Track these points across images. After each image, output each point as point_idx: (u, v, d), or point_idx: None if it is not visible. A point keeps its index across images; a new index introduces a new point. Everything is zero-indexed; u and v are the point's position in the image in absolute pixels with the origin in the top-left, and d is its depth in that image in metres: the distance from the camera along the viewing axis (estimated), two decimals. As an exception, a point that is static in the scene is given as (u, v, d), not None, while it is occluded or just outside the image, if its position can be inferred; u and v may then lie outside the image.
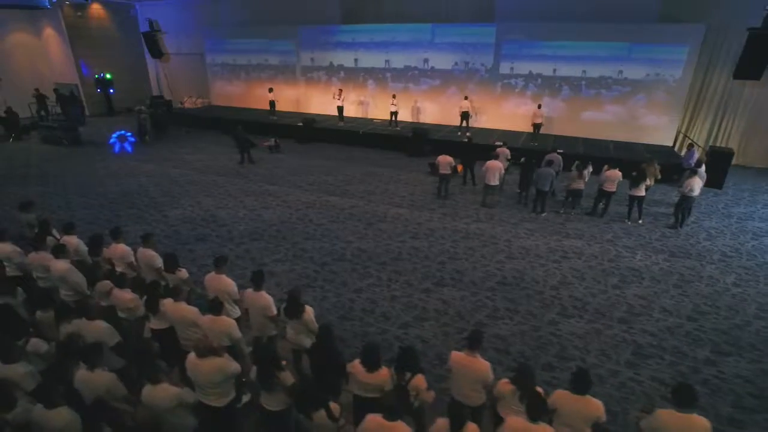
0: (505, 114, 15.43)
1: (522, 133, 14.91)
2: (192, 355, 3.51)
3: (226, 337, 4.07)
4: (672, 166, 11.61)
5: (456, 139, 14.52)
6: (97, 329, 4.00)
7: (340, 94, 16.13)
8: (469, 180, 11.50)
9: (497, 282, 6.87)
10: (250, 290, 4.56)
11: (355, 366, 3.59)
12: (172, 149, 15.19)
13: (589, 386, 3.21)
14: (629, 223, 9.13)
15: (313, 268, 7.19)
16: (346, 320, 5.87)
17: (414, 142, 14.31)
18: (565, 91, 14.49)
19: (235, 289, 4.78)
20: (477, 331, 3.64)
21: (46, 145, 15.54)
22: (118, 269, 5.64)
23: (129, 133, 16.30)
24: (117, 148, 15.23)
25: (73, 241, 5.75)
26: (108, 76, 21.12)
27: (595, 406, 3.17)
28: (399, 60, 16.66)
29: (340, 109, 16.29)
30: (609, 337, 5.63)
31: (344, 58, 17.69)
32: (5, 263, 5.60)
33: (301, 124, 16.32)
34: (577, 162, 9.47)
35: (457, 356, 3.62)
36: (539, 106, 13.64)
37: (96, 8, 20.77)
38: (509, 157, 10.81)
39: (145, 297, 4.45)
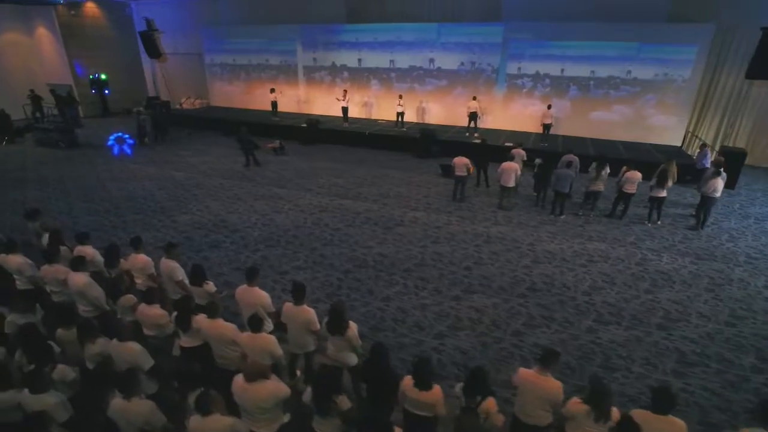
0: (513, 114, 15.30)
1: (529, 133, 14.78)
2: (240, 379, 3.25)
3: (267, 356, 3.81)
4: (683, 166, 11.53)
5: (464, 139, 14.37)
6: (131, 352, 3.71)
7: (344, 95, 15.85)
8: (483, 182, 11.30)
9: (527, 288, 6.67)
10: (290, 304, 4.30)
11: (407, 382, 3.36)
12: (173, 151, 14.79)
13: (674, 405, 3.01)
14: (649, 224, 9.01)
15: (336, 276, 6.93)
16: (378, 331, 5.63)
17: (422, 143, 14.09)
18: (572, 91, 14.39)
19: (270, 301, 4.51)
20: (552, 350, 3.41)
21: (42, 148, 15.03)
22: (138, 281, 5.34)
23: (127, 135, 15.90)
24: (116, 150, 14.81)
25: (88, 251, 5.43)
26: (103, 76, 20.61)
27: (679, 426, 2.97)
28: (404, 60, 16.44)
29: (345, 110, 16.02)
30: (651, 344, 5.47)
31: (348, 58, 17.42)
32: (16, 276, 5.28)
33: (305, 125, 16.03)
34: (595, 163, 9.32)
35: (526, 374, 3.39)
36: (549, 107, 13.52)
37: (90, 7, 20.24)
38: (525, 158, 10.64)
39: (175, 313, 4.16)
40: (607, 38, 13.56)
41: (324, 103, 18.37)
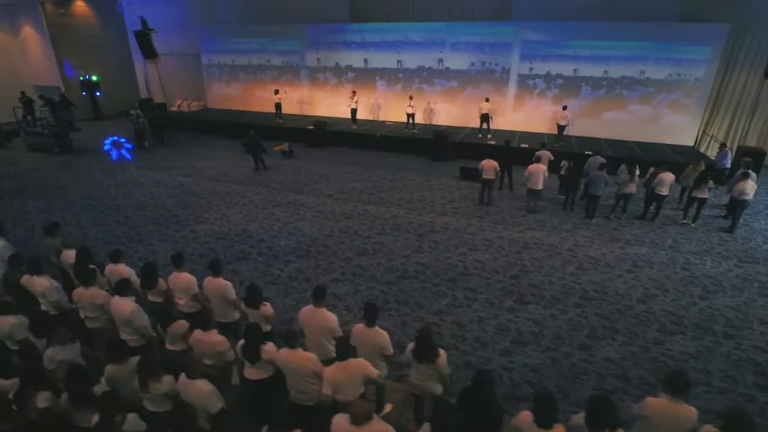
0: (524, 115, 15.11)
1: (541, 134, 14.59)
2: (344, 422, 2.86)
3: (361, 384, 3.44)
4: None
5: (477, 141, 14.13)
6: (199, 392, 3.27)
7: (353, 97, 15.44)
8: (506, 185, 11.04)
9: (580, 297, 6.41)
10: (361, 325, 3.93)
11: (524, 418, 3.01)
12: (176, 156, 14.17)
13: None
14: (687, 222, 8.90)
15: (379, 289, 6.55)
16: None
17: (435, 145, 13.79)
18: (585, 91, 14.27)
19: (338, 325, 4.12)
20: (680, 375, 3.11)
21: (35, 153, 14.23)
22: (180, 302, 4.88)
23: (123, 139, 15.20)
24: (115, 155, 14.11)
25: (123, 271, 4.94)
26: (94, 77, 19.75)
27: None
28: (412, 60, 16.11)
29: (354, 111, 15.60)
30: (723, 355, 5.25)
31: (353, 59, 17.01)
32: (40, 301, 4.75)
33: (311, 127, 15.58)
34: (624, 165, 9.16)
35: (657, 404, 3.08)
36: (564, 108, 13.34)
37: (79, 5, 19.38)
38: (551, 159, 10.40)
39: (242, 341, 3.74)
40: (619, 38, 13.47)
41: (328, 104, 17.93)
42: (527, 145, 13.32)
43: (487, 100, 14.10)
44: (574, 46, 14.01)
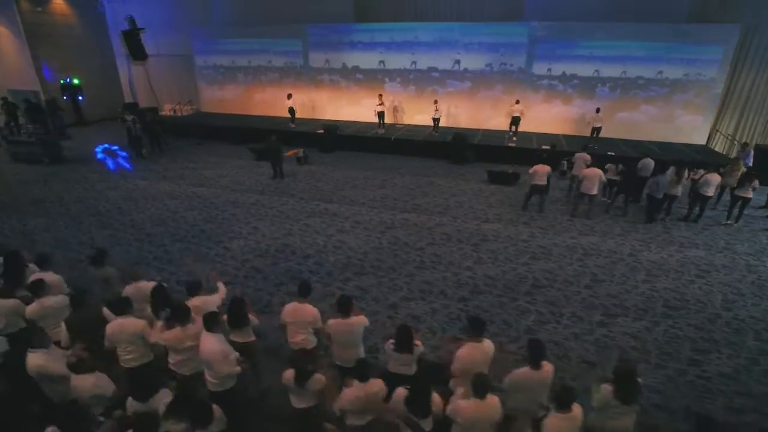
0: (542, 116, 14.93)
1: (557, 135, 14.51)
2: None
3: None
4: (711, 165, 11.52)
5: (498, 143, 13.88)
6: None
7: (380, 99, 14.84)
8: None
9: (663, 306, 6.15)
10: (470, 344, 3.56)
11: None
12: (180, 164, 13.22)
13: None
14: (731, 223, 8.87)
15: (455, 306, 6.09)
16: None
17: (455, 147, 13.43)
18: (601, 92, 14.27)
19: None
20: None
21: (20, 164, 12.94)
22: (296, 339, 4.25)
23: (116, 147, 14.16)
24: (111, 164, 13.05)
25: (204, 302, 4.28)
26: (76, 81, 18.34)
27: None
28: (425, 61, 15.69)
29: (382, 114, 14.98)
30: (832, 364, 5.07)
31: (361, 60, 16.45)
32: (129, 347, 3.99)
33: (322, 131, 14.93)
34: (674, 167, 9.06)
35: None
36: (597, 110, 13.19)
37: (57, 3, 17.95)
38: (588, 162, 10.19)
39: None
40: (633, 38, 13.51)
41: (335, 106, 17.29)
42: (549, 146, 13.18)
43: (517, 102, 13.80)
44: (589, 47, 13.97)
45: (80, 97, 18.51)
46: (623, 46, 13.71)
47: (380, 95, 15.09)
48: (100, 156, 13.91)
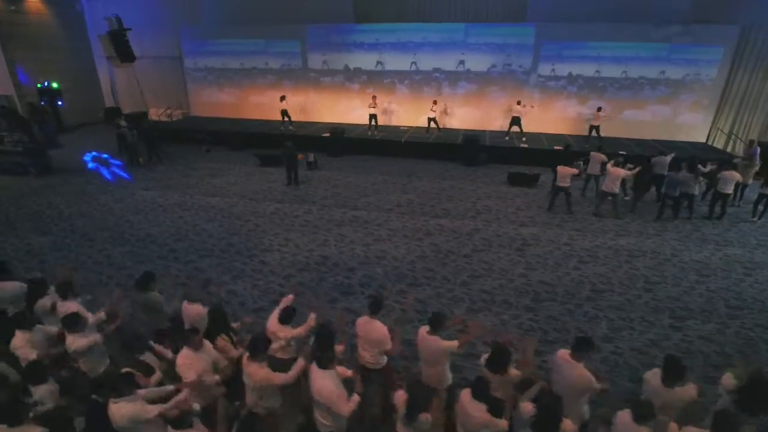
0: (547, 117, 15.01)
1: (561, 135, 14.63)
2: None
3: None
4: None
5: (508, 144, 13.85)
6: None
7: (374, 101, 14.53)
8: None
9: (727, 307, 6.15)
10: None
11: None
12: (182, 172, 12.48)
13: None
14: (755, 219, 9.07)
15: (526, 317, 5.87)
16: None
17: (467, 150, 13.30)
18: (605, 92, 14.47)
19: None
20: None
21: (4, 177, 11.86)
22: (365, 355, 3.95)
23: (106, 155, 13.33)
24: (107, 174, 12.19)
25: (289, 332, 3.88)
26: (54, 85, 17.11)
27: None
28: (428, 62, 15.50)
29: (374, 117, 14.69)
30: None
31: (362, 61, 16.08)
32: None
33: (327, 134, 14.49)
34: (686, 164, 9.19)
35: None
36: (599, 109, 13.36)
37: (33, 1, 16.69)
38: (605, 161, 10.24)
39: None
40: (635, 39, 13.77)
41: (337, 109, 16.86)
42: (560, 147, 13.25)
43: (518, 102, 13.81)
44: (592, 48, 14.15)
45: (60, 102, 17.26)
46: (626, 46, 13.94)
47: (374, 97, 14.68)
48: (91, 165, 13.02)
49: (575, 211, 9.55)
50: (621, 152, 12.49)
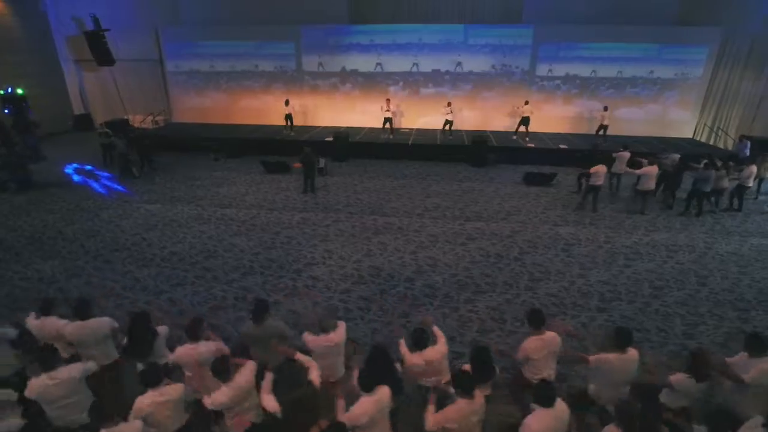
0: (546, 116, 15.29)
1: (563, 134, 15.01)
2: None
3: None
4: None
5: (515, 144, 14.00)
6: None
7: (388, 104, 14.26)
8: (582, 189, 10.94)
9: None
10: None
11: None
12: (183, 182, 11.66)
13: None
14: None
15: (602, 318, 5.84)
16: None
17: (476, 151, 13.31)
18: (600, 91, 14.96)
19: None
20: None
21: (-22, 194, 10.62)
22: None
23: (90, 167, 12.37)
24: (99, 188, 11.21)
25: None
26: (20, 91, 15.51)
27: None
28: (427, 64, 15.43)
29: (389, 120, 14.41)
30: None
31: (359, 63, 15.77)
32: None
33: (330, 138, 14.07)
34: (705, 161, 9.62)
35: None
36: (605, 108, 13.76)
37: (-10, -1, 15.14)
38: (626, 160, 10.53)
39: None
40: (627, 40, 14.34)
41: (334, 112, 16.44)
42: (565, 146, 13.59)
43: (526, 102, 13.97)
44: (587, 48, 14.61)
45: (29, 111, 15.69)
46: (618, 47, 14.50)
47: (387, 100, 14.56)
48: (77, 178, 11.95)
49: (599, 208, 9.74)
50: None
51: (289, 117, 14.64)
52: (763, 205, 10.07)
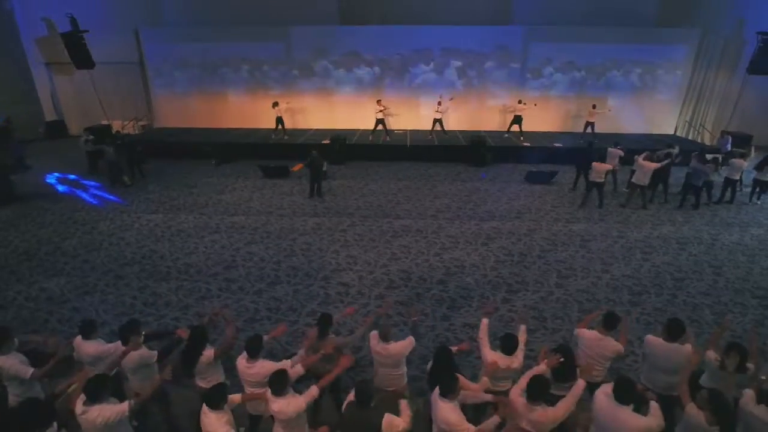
0: (537, 115, 15.60)
1: (553, 132, 15.41)
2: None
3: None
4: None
5: (511, 144, 14.24)
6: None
7: (380, 105, 14.18)
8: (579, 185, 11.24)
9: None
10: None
11: None
12: (179, 190, 11.16)
13: None
14: (759, 202, 10.16)
15: (637, 312, 5.99)
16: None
17: (474, 151, 13.45)
18: (587, 90, 15.45)
19: None
20: None
21: (-45, 209, 9.78)
22: None
23: (74, 176, 11.76)
24: (89, 198, 10.58)
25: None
26: (-13, 96, 14.49)
27: None
28: (417, 64, 15.49)
29: (382, 122, 14.33)
30: None
31: (350, 63, 15.62)
32: None
33: (327, 141, 13.85)
34: (695, 156, 10.09)
35: None
36: (594, 106, 14.20)
37: (-49, -3, 14.00)
38: (622, 156, 10.88)
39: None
40: (613, 41, 14.88)
41: (325, 114, 16.21)
42: (560, 144, 13.95)
43: (520, 101, 14.24)
44: (574, 49, 15.05)
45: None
46: (604, 48, 15.02)
47: (379, 101, 14.52)
48: (62, 189, 11.25)
49: (604, 204, 10.03)
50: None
51: (279, 120, 14.32)
52: (749, 197, 10.62)
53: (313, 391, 3.20)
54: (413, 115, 16.01)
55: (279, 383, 3.07)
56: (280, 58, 15.76)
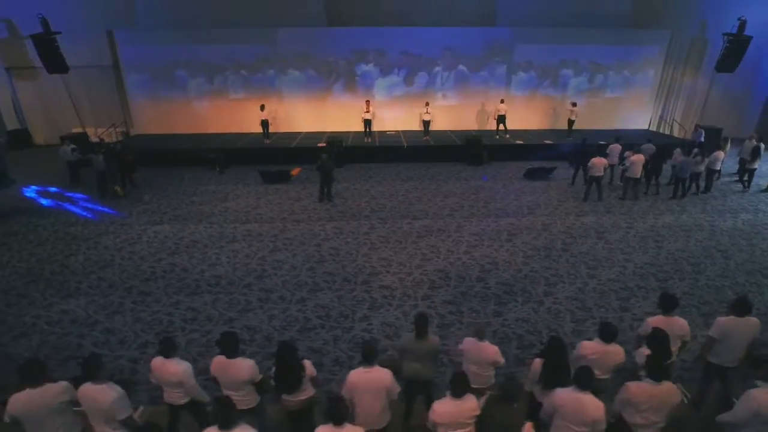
0: (520, 114, 16.10)
1: (537, 131, 16.01)
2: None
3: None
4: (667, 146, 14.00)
5: (505, 143, 14.63)
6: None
7: (367, 107, 14.15)
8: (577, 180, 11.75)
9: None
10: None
11: None
12: (179, 199, 10.64)
13: None
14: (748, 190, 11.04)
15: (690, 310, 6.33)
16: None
17: (471, 150, 13.73)
18: (568, 89, 16.17)
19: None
20: None
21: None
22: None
23: (55, 188, 11.07)
24: (80, 211, 9.90)
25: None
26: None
27: None
28: (405, 66, 15.61)
29: (369, 123, 14.30)
30: None
31: (337, 65, 15.50)
32: None
33: (323, 144, 13.66)
34: (678, 149, 10.85)
35: None
36: (574, 104, 14.83)
37: None
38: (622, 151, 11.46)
39: None
40: (591, 41, 15.66)
41: (314, 117, 15.96)
42: (550, 141, 14.49)
43: (502, 101, 14.67)
44: (556, 49, 15.68)
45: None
46: (584, 49, 15.76)
47: (367, 101, 14.54)
48: (46, 203, 10.45)
49: (604, 197, 10.55)
50: (600, 142, 14.09)
51: (265, 124, 13.99)
52: (730, 186, 11.53)
53: None
54: (405, 116, 16.09)
55: None
56: (266, 59, 15.36)
